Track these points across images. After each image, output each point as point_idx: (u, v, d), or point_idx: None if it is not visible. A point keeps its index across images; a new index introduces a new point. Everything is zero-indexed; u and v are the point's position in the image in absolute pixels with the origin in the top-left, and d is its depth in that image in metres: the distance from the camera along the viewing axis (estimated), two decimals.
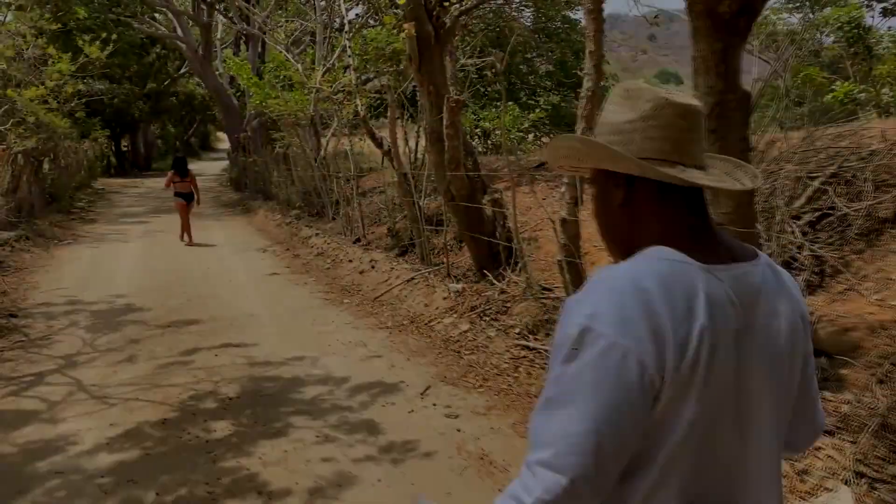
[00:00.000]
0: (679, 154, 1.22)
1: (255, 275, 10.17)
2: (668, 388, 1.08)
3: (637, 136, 1.23)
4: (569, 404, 1.09)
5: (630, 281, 1.12)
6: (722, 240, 1.25)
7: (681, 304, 1.10)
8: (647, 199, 1.25)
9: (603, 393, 1.07)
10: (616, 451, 1.08)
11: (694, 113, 1.24)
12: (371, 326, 6.97)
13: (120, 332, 7.12)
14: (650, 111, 1.23)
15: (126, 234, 14.70)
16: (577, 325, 1.11)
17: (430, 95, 6.92)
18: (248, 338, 6.69)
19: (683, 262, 1.15)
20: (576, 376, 1.10)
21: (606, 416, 1.07)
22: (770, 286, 1.23)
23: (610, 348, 1.07)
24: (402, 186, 8.59)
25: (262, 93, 14.75)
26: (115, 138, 34.62)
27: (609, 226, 1.34)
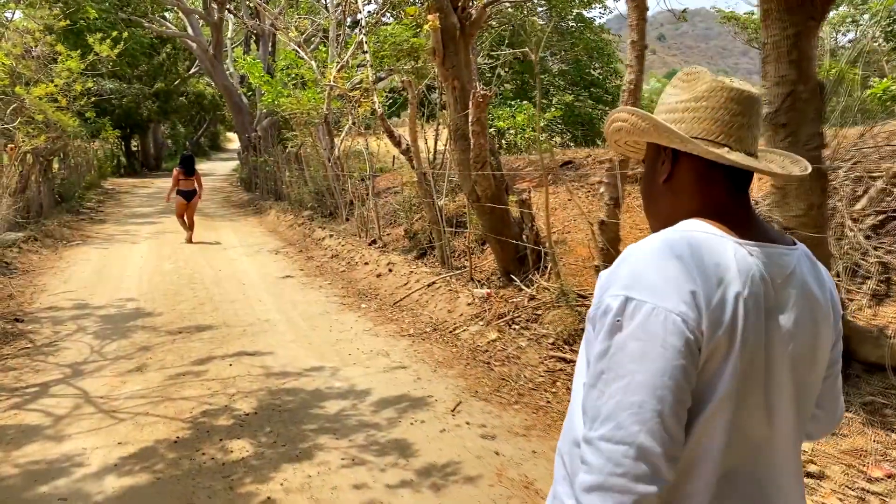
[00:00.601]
0: (726, 136, 1.24)
1: (268, 277, 9.85)
2: (706, 346, 1.10)
3: (688, 116, 1.27)
4: (621, 376, 1.10)
5: (662, 248, 1.15)
6: (760, 223, 1.27)
7: (713, 271, 1.12)
8: (691, 176, 1.28)
9: (652, 359, 1.08)
10: (675, 413, 1.09)
11: (748, 99, 1.26)
12: (392, 334, 6.62)
13: (129, 338, 6.80)
14: (703, 93, 1.26)
15: (135, 235, 14.42)
16: (617, 296, 1.13)
17: (455, 91, 6.58)
18: (263, 346, 6.36)
19: (715, 234, 1.18)
20: (624, 346, 1.11)
21: (661, 380, 1.08)
22: (805, 273, 1.25)
23: (651, 314, 1.09)
24: (422, 186, 8.24)
25: (275, 91, 14.44)
26: (124, 138, 34.41)
27: (653, 201, 1.37)
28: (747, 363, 1.14)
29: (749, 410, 1.16)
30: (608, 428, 1.09)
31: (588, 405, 1.14)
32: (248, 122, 25.49)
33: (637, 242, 1.21)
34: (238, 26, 31.74)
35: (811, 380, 1.28)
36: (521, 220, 6.90)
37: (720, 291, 1.11)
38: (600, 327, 1.15)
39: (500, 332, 5.81)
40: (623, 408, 1.08)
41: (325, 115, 13.65)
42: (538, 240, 6.58)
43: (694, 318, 1.09)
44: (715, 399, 1.12)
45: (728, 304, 1.11)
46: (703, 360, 1.11)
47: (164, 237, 14.06)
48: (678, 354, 1.08)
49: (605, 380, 1.12)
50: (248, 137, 24.50)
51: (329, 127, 13.85)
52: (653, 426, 1.07)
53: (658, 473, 1.08)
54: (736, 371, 1.12)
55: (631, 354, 1.10)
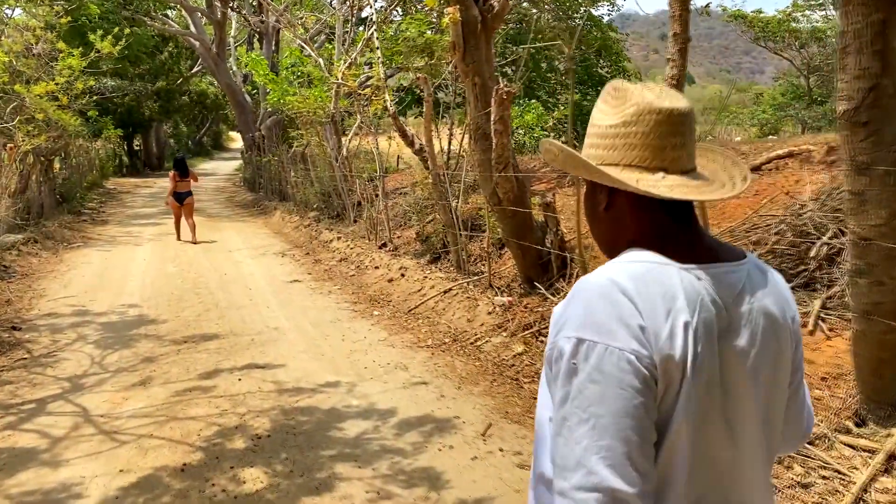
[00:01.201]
0: (660, 160, 1.22)
1: (275, 282, 9.50)
2: (662, 381, 1.09)
3: (619, 142, 1.23)
4: (584, 421, 1.08)
5: (607, 285, 1.14)
6: (705, 241, 1.26)
7: (660, 302, 1.11)
8: (628, 204, 1.25)
9: (613, 399, 1.07)
10: (642, 451, 1.08)
11: (679, 116, 1.22)
12: (409, 345, 6.27)
13: (131, 348, 6.46)
14: (632, 117, 1.22)
15: (138, 237, 14.09)
16: (569, 339, 1.13)
17: (476, 87, 6.23)
18: (273, 357, 6.02)
19: (659, 263, 1.16)
20: (582, 390, 1.10)
21: (624, 421, 1.07)
22: (756, 287, 1.23)
23: (604, 354, 1.09)
24: (437, 187, 7.89)
25: (280, 89, 14.10)
26: (127, 138, 34.07)
27: (596, 227, 1.36)
28: (703, 388, 1.12)
29: (710, 434, 1.16)
30: (580, 476, 1.07)
31: (556, 454, 1.13)
32: (251, 122, 25.14)
33: (587, 276, 1.19)
34: (241, 25, 31.45)
35: (777, 394, 1.27)
36: (543, 224, 6.55)
37: (669, 323, 1.10)
38: (557, 370, 1.15)
39: (526, 344, 5.46)
40: (591, 452, 1.07)
41: (332, 114, 13.30)
42: (563, 245, 6.23)
43: (646, 353, 1.09)
44: (673, 427, 1.12)
45: (678, 334, 1.10)
46: (660, 393, 1.11)
47: (168, 239, 13.72)
48: (636, 393, 1.08)
49: (569, 426, 1.11)
50: (252, 137, 24.16)
51: (336, 126, 13.50)
52: (623, 469, 1.06)
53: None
54: (691, 398, 1.11)
55: (591, 398, 1.09)
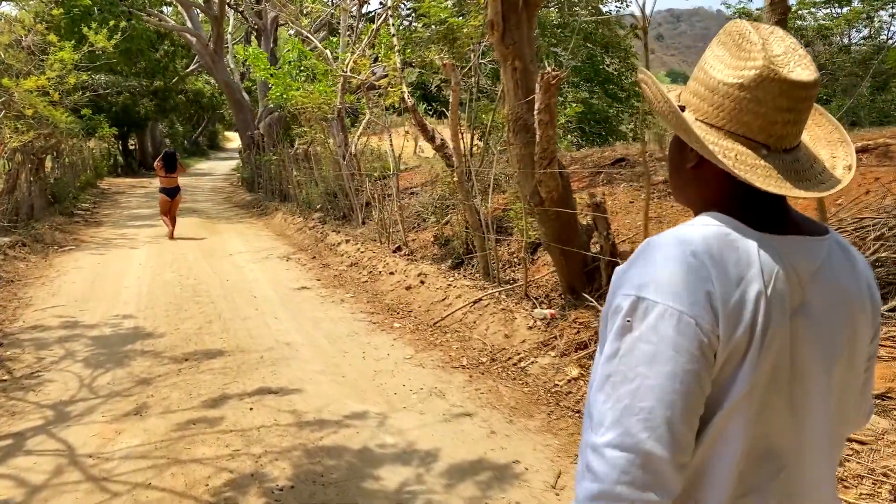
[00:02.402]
0: (767, 135, 1.11)
1: (282, 289, 8.77)
2: (722, 351, 1.03)
3: (728, 104, 1.12)
4: (630, 379, 1.04)
5: (678, 246, 1.07)
6: (790, 212, 1.17)
7: (732, 269, 1.05)
8: (718, 168, 1.13)
9: (663, 363, 1.02)
10: (686, 420, 1.02)
11: (802, 88, 1.08)
12: (440, 364, 5.55)
13: (125, 367, 5.73)
14: (751, 81, 1.08)
15: (133, 239, 13.30)
16: (628, 296, 1.07)
17: (516, 73, 5.51)
18: (287, 379, 5.29)
19: (737, 228, 1.09)
20: (633, 349, 1.04)
21: (670, 386, 1.01)
22: (836, 264, 1.15)
23: (662, 316, 1.03)
24: (462, 187, 7.17)
25: (282, 84, 13.36)
26: (121, 137, 33.29)
27: (680, 185, 1.28)
28: (770, 367, 1.06)
29: (772, 419, 1.08)
30: (615, 434, 1.02)
31: (594, 409, 1.07)
32: (249, 120, 24.39)
33: (655, 236, 1.11)
34: (239, 22, 30.70)
35: (850, 379, 1.18)
36: (589, 227, 5.84)
37: (739, 291, 1.04)
38: (611, 326, 1.09)
39: (581, 367, 4.73)
40: (631, 413, 1.02)
41: (338, 110, 12.58)
42: (615, 251, 5.51)
43: (709, 320, 1.02)
44: (729, 402, 1.05)
45: (748, 303, 1.03)
46: (719, 365, 1.04)
47: (165, 242, 12.97)
48: (691, 359, 1.02)
49: (613, 383, 1.05)
50: (251, 135, 23.40)
51: (343, 122, 12.77)
52: (662, 434, 1.01)
53: (666, 483, 1.02)
54: (753, 374, 1.04)
55: (640, 357, 1.03)
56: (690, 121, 1.15)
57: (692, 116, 1.17)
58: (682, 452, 1.03)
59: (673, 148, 1.27)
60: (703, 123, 1.15)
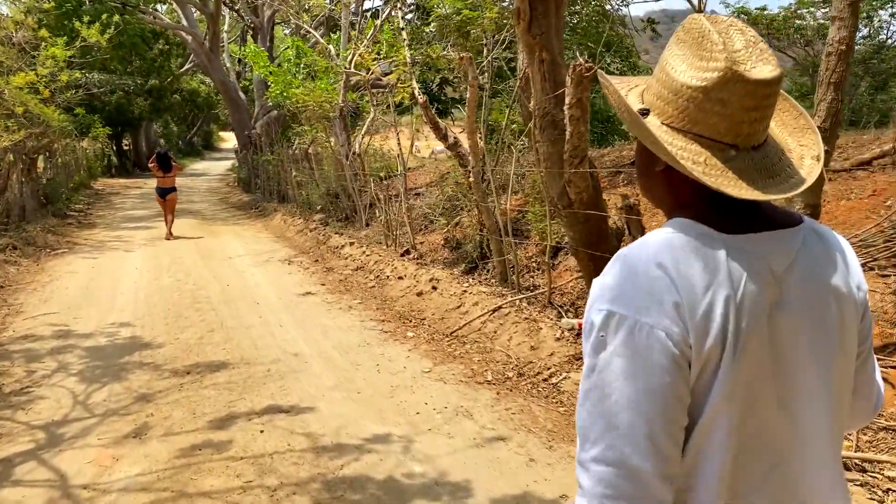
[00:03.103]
0: (734, 135, 1.08)
1: (286, 294, 8.37)
2: (696, 360, 1.02)
3: (693, 107, 1.08)
4: (607, 395, 1.03)
5: (645, 258, 1.07)
6: (761, 209, 1.13)
7: (698, 277, 1.03)
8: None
9: (639, 376, 1.01)
10: (668, 432, 1.01)
11: (766, 86, 1.05)
12: (463, 379, 5.16)
13: (123, 381, 5.34)
14: (715, 83, 1.05)
15: (129, 242, 12.86)
16: (601, 311, 1.06)
17: (543, 64, 5.12)
18: (298, 396, 4.90)
19: (703, 234, 1.08)
20: (609, 363, 1.04)
21: (647, 399, 1.00)
22: (812, 253, 1.13)
23: (633, 329, 1.02)
24: (479, 187, 6.78)
25: (283, 81, 12.96)
26: (116, 137, 32.75)
27: (649, 187, 1.26)
28: (749, 369, 1.04)
29: (762, 416, 1.07)
30: (599, 449, 1.02)
31: (580, 423, 1.07)
32: (246, 119, 23.96)
33: (625, 248, 1.12)
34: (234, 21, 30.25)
35: (842, 367, 1.15)
36: (620, 230, 5.46)
37: (707, 298, 1.02)
38: (587, 342, 1.09)
39: None
40: (612, 427, 1.02)
41: (340, 108, 12.17)
42: None
43: (678, 332, 1.01)
44: (707, 410, 1.04)
45: (716, 310, 1.02)
46: (694, 374, 1.03)
47: (162, 244, 12.55)
48: (664, 371, 1.01)
49: (593, 399, 1.05)
50: (248, 135, 22.96)
51: (345, 121, 12.37)
52: (644, 447, 1.00)
53: (652, 494, 1.01)
54: (730, 379, 1.03)
55: (616, 372, 1.03)
56: (655, 127, 1.13)
57: (657, 121, 1.14)
58: (667, 464, 1.02)
59: (640, 150, 1.25)
60: (668, 127, 1.12)
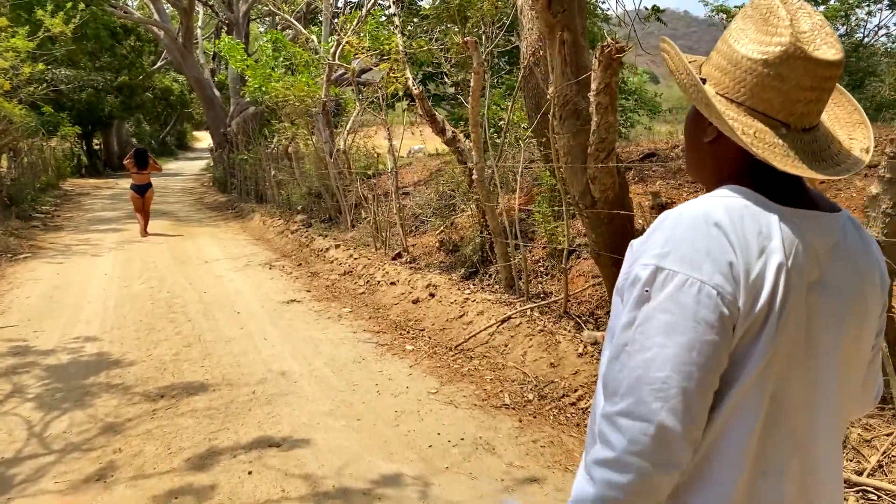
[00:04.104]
0: (787, 113, 1.08)
1: (269, 302, 7.72)
2: (742, 323, 1.00)
3: (751, 80, 1.08)
4: (646, 348, 1.01)
5: (700, 216, 1.05)
6: (805, 189, 1.14)
7: (754, 241, 1.02)
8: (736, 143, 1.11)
9: (681, 332, 0.99)
10: (702, 392, 1.00)
11: (827, 68, 1.04)
12: (476, 403, 4.56)
13: (87, 408, 4.68)
14: (776, 58, 1.05)
15: (98, 245, 12.07)
16: (647, 266, 1.04)
17: (564, 47, 4.54)
18: (289, 424, 4.28)
19: (757, 201, 1.07)
20: (651, 317, 1.01)
21: (687, 356, 0.99)
22: (851, 242, 1.14)
23: (683, 285, 1.00)
24: (483, 186, 6.19)
25: (262, 75, 12.28)
26: (85, 136, 31.72)
27: (698, 159, 1.25)
28: (788, 340, 1.03)
29: (789, 395, 1.05)
30: (628, 403, 1.00)
31: (609, 378, 1.05)
32: (221, 117, 23.16)
33: (673, 209, 1.09)
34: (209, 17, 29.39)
35: (857, 357, 1.16)
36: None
37: (761, 262, 1.01)
38: (628, 297, 1.06)
39: None
40: (646, 382, 1.00)
41: (323, 103, 11.52)
42: None
43: (730, 291, 0.99)
44: (746, 376, 1.01)
45: (769, 275, 1.00)
46: (737, 338, 1.01)
47: (133, 247, 11.79)
48: (710, 330, 0.99)
49: (629, 352, 1.03)
50: (224, 133, 22.17)
51: (329, 116, 11.71)
52: (676, 404, 0.98)
53: (675, 456, 1.01)
54: (771, 347, 1.01)
55: (658, 327, 1.01)
56: (711, 94, 1.12)
57: (713, 90, 1.14)
58: (695, 426, 1.00)
59: (690, 122, 1.24)
60: (723, 98, 1.12)
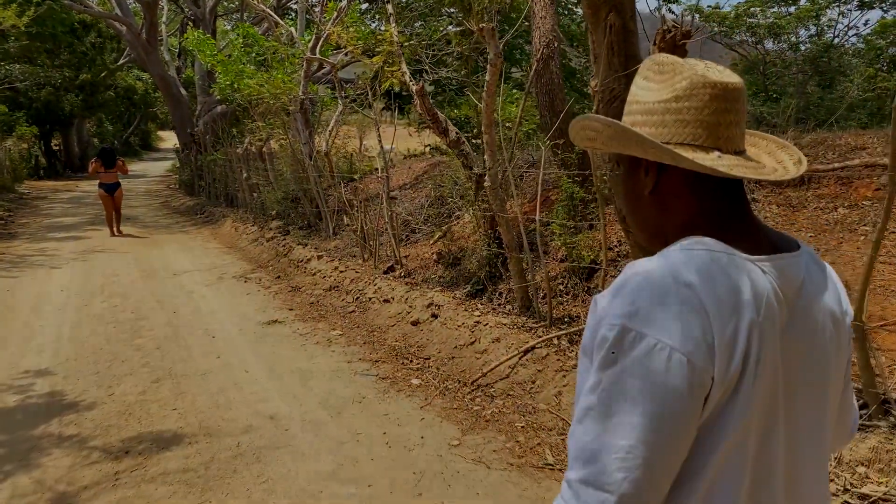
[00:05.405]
0: (715, 139, 1.09)
1: (248, 323, 6.88)
2: (717, 387, 0.96)
3: (670, 119, 1.10)
4: (612, 414, 0.96)
5: (669, 274, 0.99)
6: (761, 229, 1.13)
7: (726, 298, 0.97)
8: (680, 186, 1.12)
9: (649, 400, 0.94)
10: (667, 464, 0.95)
11: (734, 92, 1.09)
12: (513, 461, 3.78)
13: (32, 470, 3.84)
14: (685, 91, 1.09)
15: (55, 256, 11.04)
16: (614, 325, 0.98)
17: (610, 32, 3.80)
18: (285, 492, 3.48)
19: (726, 253, 1.02)
20: (617, 382, 0.96)
21: (655, 425, 0.93)
22: (814, 280, 1.12)
23: (652, 350, 0.94)
24: (495, 194, 5.43)
25: (234, 70, 11.39)
26: (44, 136, 30.32)
27: (638, 213, 1.21)
28: (766, 394, 1.00)
29: (771, 442, 1.02)
30: (590, 471, 0.95)
31: (572, 442, 1.00)
32: (188, 116, 22.11)
33: (639, 261, 1.03)
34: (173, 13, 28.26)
35: (833, 393, 1.14)
36: None
37: (734, 321, 0.96)
38: (596, 357, 1.00)
39: None
40: (609, 451, 0.94)
41: (301, 101, 10.67)
42: None
43: (702, 358, 0.94)
44: (725, 438, 0.97)
45: (741, 335, 0.96)
46: (714, 396, 0.95)
47: (95, 258, 10.80)
48: (679, 399, 0.93)
49: (593, 417, 0.97)
50: (191, 133, 21.12)
51: (307, 115, 10.86)
52: (639, 476, 0.93)
53: None
54: (749, 407, 0.97)
55: (625, 392, 0.95)
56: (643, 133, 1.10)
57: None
58: (658, 495, 0.96)
59: (624, 180, 1.22)
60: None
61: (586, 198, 5.83)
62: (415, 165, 12.34)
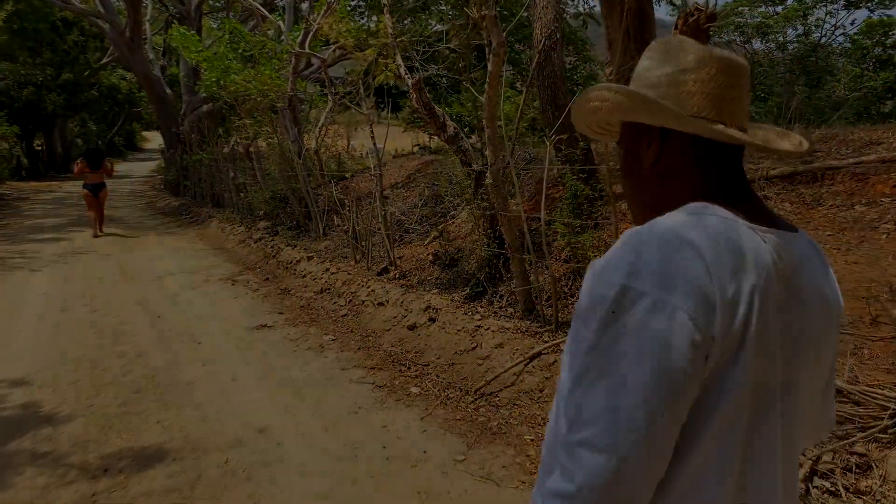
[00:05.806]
0: (719, 112, 1.08)
1: (236, 328, 6.58)
2: (718, 347, 0.92)
3: (674, 91, 1.09)
4: (611, 374, 0.91)
5: (672, 233, 0.95)
6: (761, 204, 1.10)
7: (728, 260, 0.94)
8: (682, 158, 1.10)
9: (650, 358, 0.90)
10: (668, 425, 0.90)
11: (739, 69, 1.10)
12: (525, 479, 3.51)
13: (6, 490, 3.54)
14: (692, 64, 1.09)
15: (35, 259, 10.66)
16: (614, 285, 0.94)
17: (627, 15, 3.54)
18: None
19: (729, 218, 1.00)
20: (617, 342, 0.92)
21: (656, 384, 0.89)
22: (812, 261, 1.09)
23: (653, 308, 0.90)
24: (498, 192, 5.16)
25: (220, 67, 11.06)
26: (26, 136, 29.78)
27: (639, 188, 1.17)
28: (765, 368, 0.95)
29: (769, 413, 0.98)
30: (589, 432, 0.91)
31: (570, 405, 0.95)
32: (173, 116, 21.71)
33: (640, 226, 0.99)
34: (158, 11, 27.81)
35: (816, 381, 1.10)
36: None
37: (735, 282, 0.92)
38: (592, 319, 0.95)
39: None
40: (608, 411, 0.90)
41: (289, 98, 10.36)
42: None
43: (704, 316, 0.90)
44: (727, 399, 0.93)
45: (743, 297, 0.92)
46: (714, 356, 0.92)
47: (76, 261, 10.44)
48: (681, 357, 0.89)
49: (592, 378, 0.93)
50: (176, 132, 20.73)
51: (296, 113, 10.55)
52: (640, 437, 0.88)
53: (635, 493, 0.91)
54: (752, 368, 0.93)
55: (624, 352, 0.91)
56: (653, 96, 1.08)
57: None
58: (659, 459, 0.91)
59: (625, 153, 1.19)
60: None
61: (591, 195, 5.58)
62: (406, 164, 12.07)
